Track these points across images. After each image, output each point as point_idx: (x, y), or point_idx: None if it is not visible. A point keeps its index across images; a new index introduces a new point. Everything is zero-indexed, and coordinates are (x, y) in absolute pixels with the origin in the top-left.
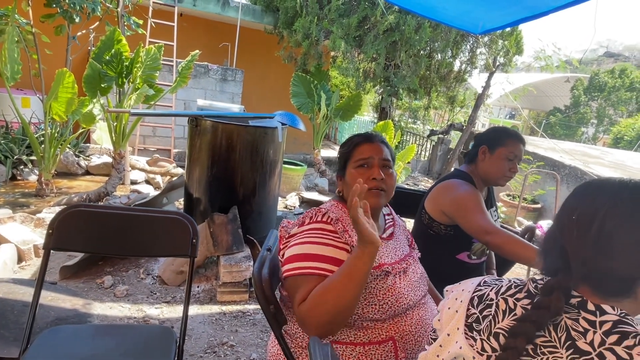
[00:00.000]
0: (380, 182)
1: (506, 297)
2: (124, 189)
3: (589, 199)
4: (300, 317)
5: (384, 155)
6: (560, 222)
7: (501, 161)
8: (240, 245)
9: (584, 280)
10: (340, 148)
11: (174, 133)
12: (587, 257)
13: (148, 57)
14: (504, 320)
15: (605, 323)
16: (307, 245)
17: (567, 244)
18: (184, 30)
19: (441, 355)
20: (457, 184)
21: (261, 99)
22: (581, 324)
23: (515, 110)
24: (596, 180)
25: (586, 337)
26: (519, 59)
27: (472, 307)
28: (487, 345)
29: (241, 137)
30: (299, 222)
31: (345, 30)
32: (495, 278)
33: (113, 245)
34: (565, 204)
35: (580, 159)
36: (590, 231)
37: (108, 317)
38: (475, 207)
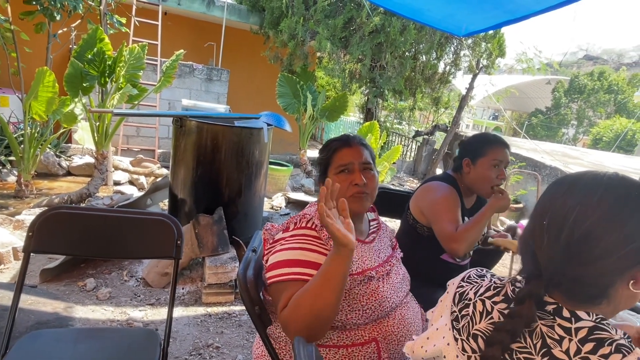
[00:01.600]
0: (363, 186)
1: (484, 299)
2: (106, 190)
3: (559, 201)
4: (282, 322)
5: (364, 159)
6: (532, 226)
7: (485, 171)
8: (225, 247)
9: (556, 287)
10: (320, 154)
11: (158, 133)
12: (557, 264)
13: (131, 56)
14: (481, 322)
15: (581, 330)
16: (290, 251)
17: (538, 250)
18: (169, 30)
19: (425, 346)
20: (438, 186)
21: (247, 100)
22: (556, 331)
23: (498, 112)
24: (569, 177)
25: (562, 345)
26: (502, 61)
27: (454, 305)
28: (466, 345)
29: (226, 138)
30: (283, 227)
31: (331, 31)
32: (480, 274)
33: (95, 248)
34: (537, 205)
35: (560, 159)
36: (560, 238)
37: (90, 321)
38: (446, 213)
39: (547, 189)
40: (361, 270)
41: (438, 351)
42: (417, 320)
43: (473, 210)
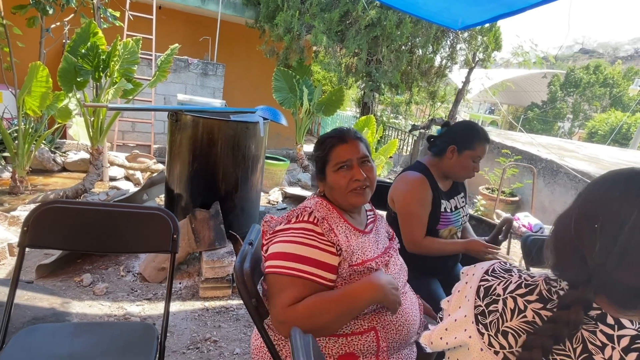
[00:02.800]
0: (364, 181)
1: (515, 297)
2: (102, 186)
3: (614, 204)
4: (286, 319)
5: (361, 153)
6: (579, 228)
7: (467, 163)
8: (222, 241)
9: (602, 291)
10: (315, 151)
11: (153, 128)
12: (610, 270)
13: (126, 51)
14: (512, 320)
15: (623, 338)
16: (293, 244)
17: (589, 256)
18: (163, 24)
19: (445, 338)
20: (410, 178)
21: (243, 94)
22: (599, 338)
23: (495, 106)
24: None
25: (604, 353)
26: (498, 54)
27: (478, 299)
28: (494, 341)
29: (222, 132)
30: (283, 220)
31: (327, 24)
32: (506, 268)
33: (91, 242)
34: (584, 204)
35: (556, 152)
36: (616, 244)
37: (87, 316)
38: (416, 215)
39: (593, 188)
40: (361, 261)
41: (460, 342)
42: (415, 310)
43: (450, 193)
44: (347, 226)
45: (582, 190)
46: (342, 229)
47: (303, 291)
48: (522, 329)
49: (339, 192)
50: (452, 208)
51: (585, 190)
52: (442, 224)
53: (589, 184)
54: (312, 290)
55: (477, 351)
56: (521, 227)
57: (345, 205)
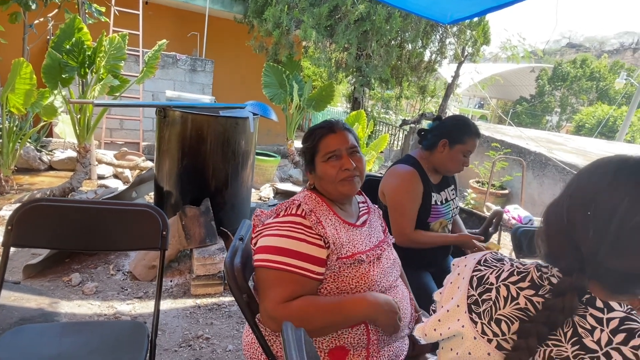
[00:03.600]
0: (353, 170)
1: (508, 284)
2: (90, 184)
3: (606, 191)
4: (276, 315)
5: (350, 143)
6: (572, 216)
7: (457, 157)
8: (213, 238)
9: (595, 277)
10: (304, 142)
11: (142, 125)
12: (603, 256)
13: (112, 47)
14: (505, 307)
15: (612, 320)
16: (280, 238)
17: (583, 243)
18: (150, 19)
19: (439, 329)
20: (401, 171)
21: (232, 90)
22: (588, 321)
23: (484, 100)
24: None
25: (593, 335)
26: (486, 49)
27: (471, 288)
28: (487, 329)
29: (212, 128)
30: (273, 213)
31: (316, 19)
32: (497, 257)
33: (79, 241)
34: (575, 192)
35: (544, 145)
36: (609, 230)
37: (77, 316)
38: (406, 209)
39: (584, 177)
40: (351, 254)
41: (453, 332)
42: (406, 304)
43: (440, 185)
44: (336, 219)
45: (572, 179)
46: (331, 222)
47: (294, 287)
48: (515, 316)
49: (329, 182)
50: (442, 201)
51: (576, 179)
52: (433, 217)
53: (579, 172)
54: (302, 284)
55: (471, 340)
56: (511, 219)
57: (336, 195)
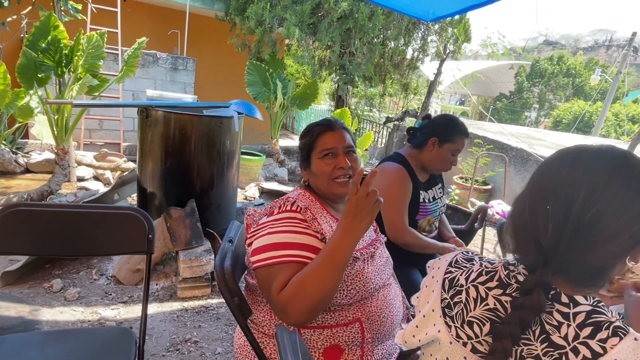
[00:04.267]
0: (348, 169)
1: (477, 285)
2: (70, 187)
3: (564, 184)
4: (281, 305)
5: (347, 143)
6: (532, 211)
7: (446, 155)
8: (199, 239)
9: (559, 272)
10: (301, 139)
11: (122, 126)
12: (564, 250)
13: (90, 45)
14: (476, 309)
15: (579, 314)
16: (278, 234)
17: (543, 238)
18: (129, 17)
19: (417, 336)
20: (390, 169)
21: (215, 89)
22: (555, 317)
23: (465, 97)
24: (568, 156)
25: (560, 331)
26: (467, 46)
27: (444, 291)
28: (461, 332)
29: (196, 128)
30: (266, 212)
31: (299, 17)
32: (467, 257)
33: (60, 246)
34: (535, 185)
35: (525, 141)
36: (567, 223)
37: (59, 323)
38: (398, 205)
39: (543, 169)
40: None
41: (431, 338)
42: (398, 302)
43: (428, 183)
44: (330, 217)
45: (534, 173)
46: (326, 219)
47: (293, 273)
48: (486, 317)
49: (322, 180)
50: (430, 199)
51: (536, 172)
52: (421, 215)
53: (539, 165)
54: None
55: (447, 345)
56: (495, 214)
57: (328, 194)
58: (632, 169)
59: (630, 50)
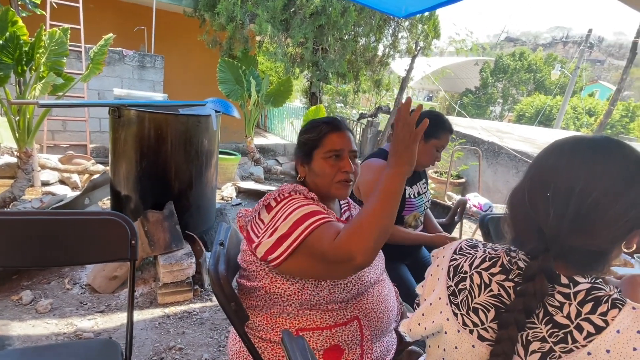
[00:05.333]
0: (351, 174)
1: (480, 271)
2: (34, 192)
3: (563, 172)
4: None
5: (352, 147)
6: (533, 199)
7: (431, 151)
8: (179, 242)
9: (560, 258)
10: (306, 133)
11: (88, 126)
12: (565, 236)
13: (52, 41)
14: (480, 295)
15: (579, 293)
16: (296, 211)
17: (545, 225)
18: (91, 13)
19: (423, 324)
20: (374, 164)
21: (185, 87)
22: (557, 299)
23: (432, 93)
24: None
25: (563, 311)
26: (436, 42)
27: (449, 279)
28: (467, 320)
29: (172, 127)
30: (260, 207)
31: (271, 13)
32: (471, 244)
33: (30, 256)
34: (534, 175)
35: (495, 134)
36: (568, 210)
37: (31, 337)
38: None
39: (542, 159)
40: None
41: (438, 326)
42: (392, 297)
43: (413, 179)
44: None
45: (531, 163)
46: None
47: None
48: (490, 304)
49: (324, 180)
50: (415, 194)
51: (534, 163)
52: (407, 210)
53: (537, 155)
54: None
55: (455, 333)
56: (472, 207)
57: (326, 194)
58: (627, 158)
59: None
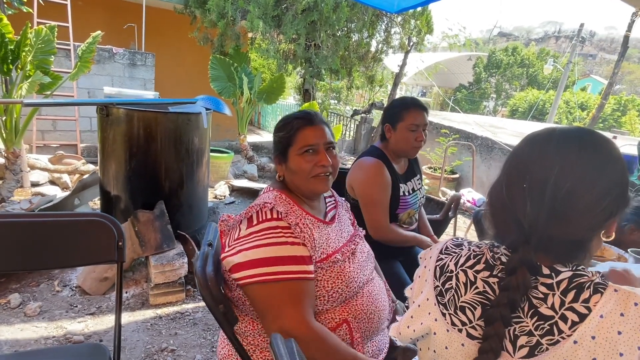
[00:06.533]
0: (329, 167)
1: (465, 269)
2: (23, 193)
3: (537, 163)
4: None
5: (328, 138)
6: (509, 191)
7: (405, 135)
8: (171, 243)
9: (541, 249)
10: (278, 132)
11: (79, 126)
12: (543, 226)
13: (39, 39)
14: (466, 294)
15: (562, 282)
16: (265, 248)
17: (523, 216)
18: (80, 10)
19: (412, 326)
20: (367, 163)
21: (177, 85)
22: (540, 290)
23: (426, 88)
24: (538, 138)
25: (547, 302)
26: (429, 38)
27: (436, 279)
28: (455, 319)
29: (161, 125)
30: (242, 218)
31: (263, 9)
32: (457, 243)
33: (17, 260)
34: (510, 168)
35: (489, 129)
36: (544, 200)
37: (20, 342)
38: (376, 201)
39: (516, 153)
40: (326, 256)
41: (426, 328)
42: (383, 295)
43: (407, 175)
44: (309, 219)
45: (507, 158)
46: (306, 223)
47: (306, 298)
48: (477, 301)
49: (301, 177)
50: (409, 191)
51: (510, 156)
52: (402, 208)
53: (512, 150)
54: (309, 291)
55: (444, 333)
56: (466, 202)
57: (306, 192)
58: (599, 146)
59: (578, 41)
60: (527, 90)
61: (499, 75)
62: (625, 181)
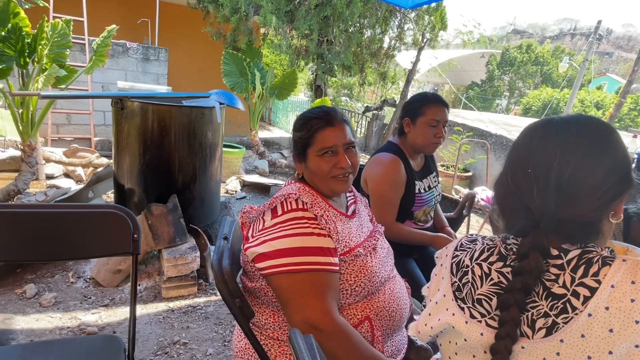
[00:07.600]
0: (348, 168)
1: (480, 263)
2: (38, 185)
3: (539, 148)
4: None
5: (347, 139)
6: (515, 180)
7: (424, 130)
8: (183, 236)
9: (552, 232)
10: (297, 131)
11: (92, 119)
12: (551, 209)
13: (55, 33)
14: (482, 286)
15: (572, 260)
16: (292, 238)
17: (530, 201)
18: (95, 4)
19: (430, 323)
20: (383, 159)
21: (189, 79)
22: (552, 272)
23: (438, 86)
24: (539, 126)
25: (559, 281)
26: (443, 34)
27: (453, 275)
28: (474, 312)
29: (175, 119)
30: (265, 209)
31: (276, 4)
32: (471, 239)
33: (34, 251)
34: (513, 159)
35: (503, 127)
36: (549, 183)
37: (35, 331)
38: (385, 198)
39: (517, 144)
40: (348, 249)
41: (445, 324)
42: (404, 294)
43: (423, 172)
44: (333, 212)
45: (510, 149)
46: (330, 215)
47: (330, 290)
48: (493, 292)
49: (320, 177)
50: (425, 188)
51: (512, 148)
52: (417, 206)
53: (514, 142)
54: (333, 283)
55: (464, 325)
56: (480, 200)
57: (326, 191)
58: (598, 129)
59: (595, 38)
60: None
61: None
62: (626, 163)
